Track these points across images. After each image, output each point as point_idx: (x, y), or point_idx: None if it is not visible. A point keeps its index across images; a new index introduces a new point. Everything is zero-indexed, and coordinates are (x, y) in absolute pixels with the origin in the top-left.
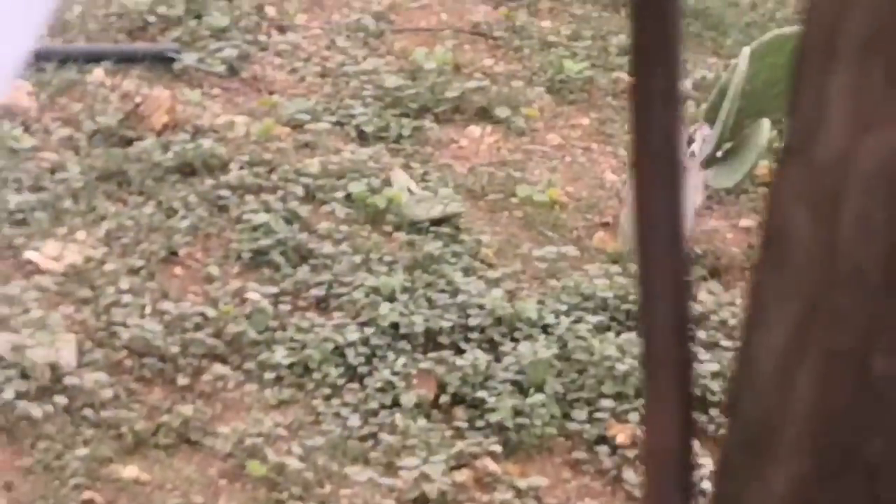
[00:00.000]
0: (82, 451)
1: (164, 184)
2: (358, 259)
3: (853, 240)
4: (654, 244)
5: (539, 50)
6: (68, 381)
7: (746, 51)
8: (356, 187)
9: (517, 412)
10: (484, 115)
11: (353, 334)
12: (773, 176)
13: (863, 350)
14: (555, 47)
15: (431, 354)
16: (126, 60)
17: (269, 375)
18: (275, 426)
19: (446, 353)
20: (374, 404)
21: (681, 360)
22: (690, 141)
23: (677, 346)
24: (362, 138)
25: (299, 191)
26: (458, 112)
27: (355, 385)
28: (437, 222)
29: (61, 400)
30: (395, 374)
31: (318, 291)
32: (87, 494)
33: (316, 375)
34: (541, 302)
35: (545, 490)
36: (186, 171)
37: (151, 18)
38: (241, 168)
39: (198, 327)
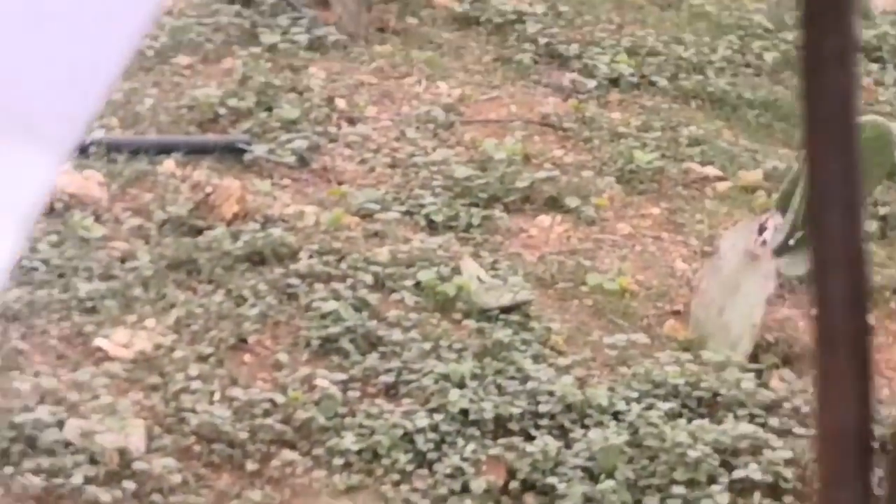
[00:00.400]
0: None
1: (234, 272)
2: (427, 346)
3: None
4: (829, 216)
5: (609, 141)
6: (137, 466)
7: None
8: (425, 275)
9: (587, 499)
10: (554, 204)
11: (422, 420)
12: None
13: None
14: (624, 138)
15: (501, 440)
16: (197, 152)
17: (337, 461)
18: None
19: (516, 440)
20: (443, 490)
21: (858, 333)
22: (762, 229)
23: (854, 317)
24: (432, 228)
25: (368, 279)
26: (528, 202)
27: (424, 471)
28: (507, 310)
29: (130, 485)
30: (464, 460)
31: (387, 378)
32: None
33: (385, 461)
34: (611, 389)
35: None
36: (256, 259)
37: (222, 110)
38: (311, 257)
39: (266, 413)
